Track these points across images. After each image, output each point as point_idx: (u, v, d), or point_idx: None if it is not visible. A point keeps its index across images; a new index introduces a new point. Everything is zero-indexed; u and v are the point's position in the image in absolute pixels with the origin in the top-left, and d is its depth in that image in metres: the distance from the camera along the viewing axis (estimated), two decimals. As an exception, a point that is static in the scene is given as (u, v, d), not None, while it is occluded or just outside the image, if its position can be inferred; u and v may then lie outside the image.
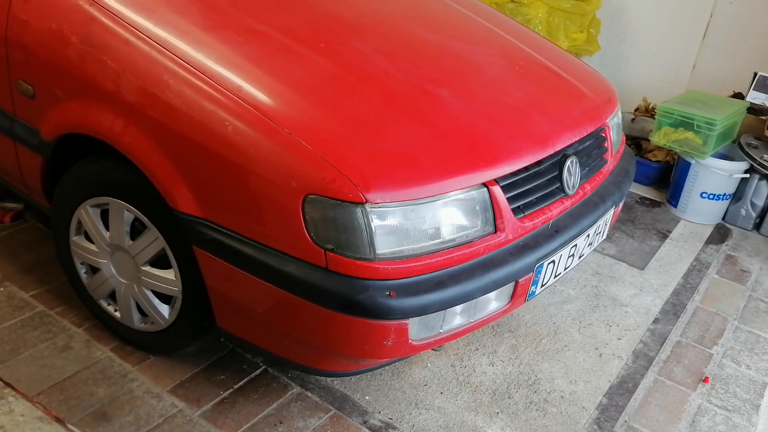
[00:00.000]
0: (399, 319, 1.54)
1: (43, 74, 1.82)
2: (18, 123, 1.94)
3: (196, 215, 1.61)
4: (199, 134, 1.57)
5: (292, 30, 1.88)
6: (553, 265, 1.84)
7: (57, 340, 1.98)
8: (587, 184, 1.98)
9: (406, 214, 1.53)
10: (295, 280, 1.53)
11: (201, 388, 1.92)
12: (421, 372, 2.13)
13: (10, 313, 2.05)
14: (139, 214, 1.75)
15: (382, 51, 1.95)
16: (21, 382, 1.81)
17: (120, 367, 1.93)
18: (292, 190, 1.49)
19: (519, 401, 2.07)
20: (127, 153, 1.67)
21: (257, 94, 1.59)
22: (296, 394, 1.96)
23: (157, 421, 1.79)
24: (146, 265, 1.81)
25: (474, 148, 1.70)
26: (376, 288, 1.50)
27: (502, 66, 2.12)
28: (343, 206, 1.47)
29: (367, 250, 1.49)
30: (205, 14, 1.83)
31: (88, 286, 2.00)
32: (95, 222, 1.86)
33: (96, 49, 1.70)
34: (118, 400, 1.83)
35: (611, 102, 2.20)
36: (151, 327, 1.92)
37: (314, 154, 1.50)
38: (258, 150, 1.52)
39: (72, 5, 1.76)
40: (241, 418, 1.85)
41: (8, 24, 1.84)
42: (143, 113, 1.63)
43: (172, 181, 1.62)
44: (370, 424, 1.91)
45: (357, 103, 1.70)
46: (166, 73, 1.62)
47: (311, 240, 1.50)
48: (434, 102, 1.79)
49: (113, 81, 1.67)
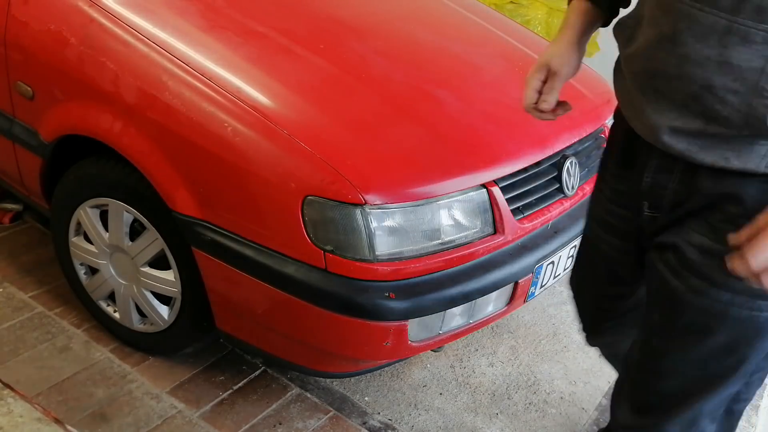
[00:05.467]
0: (398, 321, 1.54)
1: (42, 75, 1.82)
2: (17, 124, 1.93)
3: (195, 216, 1.61)
4: (198, 135, 1.57)
5: (291, 31, 1.88)
6: (553, 266, 1.84)
7: (56, 341, 1.98)
8: (587, 185, 1.98)
9: (406, 216, 1.53)
10: (295, 281, 1.53)
11: (200, 389, 1.92)
12: (421, 373, 2.12)
13: (9, 313, 2.05)
14: (139, 215, 1.75)
15: (382, 52, 1.95)
16: (20, 383, 1.81)
17: (119, 368, 1.93)
18: (291, 192, 1.49)
19: (518, 402, 2.07)
20: (126, 154, 1.67)
21: (256, 95, 1.59)
22: (296, 395, 1.96)
23: (157, 422, 1.78)
24: (145, 266, 1.81)
25: (473, 149, 1.70)
26: (375, 289, 1.51)
27: (501, 67, 2.12)
28: (342, 207, 1.47)
29: (366, 251, 1.49)
30: (204, 15, 1.83)
31: (88, 287, 2.00)
32: (94, 223, 1.86)
33: (95, 50, 1.70)
34: (118, 401, 1.82)
35: (610, 103, 2.20)
36: (150, 328, 1.92)
37: (313, 156, 1.50)
38: (257, 151, 1.52)
39: (71, 6, 1.75)
40: (241, 419, 1.85)
41: (7, 25, 1.84)
42: (142, 114, 1.63)
43: (171, 182, 1.62)
44: (370, 425, 1.91)
45: (356, 105, 1.70)
46: (165, 74, 1.61)
47: (310, 241, 1.50)
48: (433, 103, 1.79)
49: (112, 82, 1.67)
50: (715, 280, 1.07)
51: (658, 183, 1.12)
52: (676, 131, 1.02)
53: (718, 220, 1.06)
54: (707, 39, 0.94)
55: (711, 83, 0.96)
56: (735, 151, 1.00)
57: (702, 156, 1.02)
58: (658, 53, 1.01)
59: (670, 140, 1.04)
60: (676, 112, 1.01)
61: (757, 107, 0.94)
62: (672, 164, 1.08)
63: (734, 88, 0.94)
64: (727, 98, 0.95)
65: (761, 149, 0.99)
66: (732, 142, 0.99)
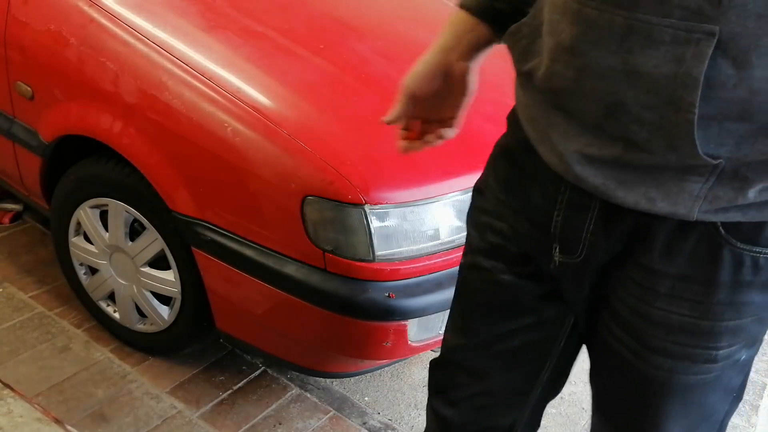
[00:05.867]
0: (398, 321, 1.54)
1: (41, 75, 1.82)
2: (17, 124, 1.93)
3: (195, 216, 1.61)
4: (198, 135, 1.57)
5: (291, 31, 1.88)
6: (553, 266, 1.84)
7: (56, 341, 1.98)
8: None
9: (405, 216, 1.53)
10: (295, 281, 1.53)
11: (200, 389, 1.92)
12: (421, 373, 2.12)
13: (9, 314, 2.05)
14: (138, 215, 1.75)
15: (382, 52, 1.94)
16: (20, 383, 1.81)
17: (119, 368, 1.93)
18: (291, 192, 1.49)
19: (518, 402, 2.07)
20: (125, 154, 1.67)
21: (256, 95, 1.59)
22: (295, 395, 1.96)
23: (156, 422, 1.78)
24: (145, 266, 1.81)
25: (473, 149, 1.69)
26: (375, 289, 1.50)
27: (500, 67, 2.12)
28: (342, 207, 1.47)
29: (366, 251, 1.49)
30: (204, 15, 1.83)
31: (88, 287, 2.00)
32: (94, 223, 1.86)
33: (95, 50, 1.70)
34: (117, 401, 1.82)
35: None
36: (150, 328, 1.92)
37: (313, 156, 1.50)
38: (257, 151, 1.52)
39: (71, 6, 1.75)
40: (241, 419, 1.85)
41: (7, 25, 1.84)
42: (142, 115, 1.63)
43: (170, 182, 1.62)
44: (370, 425, 1.91)
45: (356, 105, 1.70)
46: (165, 74, 1.61)
47: (310, 241, 1.50)
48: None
49: (112, 82, 1.67)
50: (651, 345, 0.90)
51: (571, 224, 0.89)
52: (590, 160, 0.81)
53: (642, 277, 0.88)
54: (607, 44, 0.74)
55: (621, 99, 0.75)
56: (661, 190, 0.78)
57: (621, 194, 0.80)
58: (558, 67, 0.80)
59: (582, 172, 0.82)
60: (589, 136, 0.80)
61: (679, 124, 0.72)
62: (588, 200, 0.86)
63: (648, 102, 0.73)
64: (643, 115, 0.74)
65: (693, 188, 0.77)
66: (657, 176, 0.78)
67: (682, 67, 0.70)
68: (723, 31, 0.68)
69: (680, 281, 0.85)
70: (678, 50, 0.70)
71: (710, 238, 0.82)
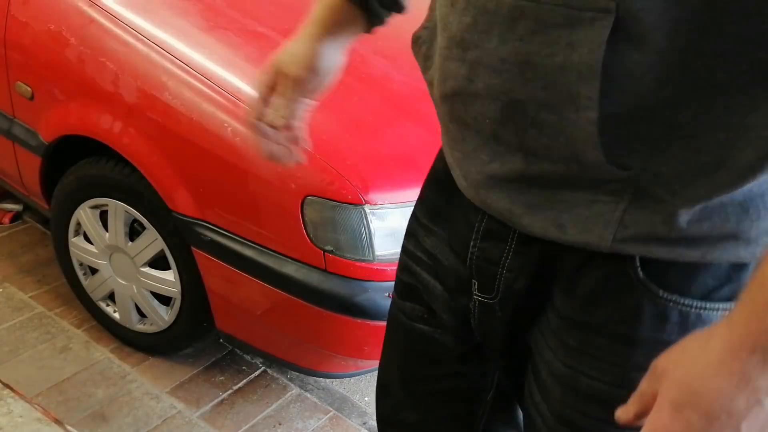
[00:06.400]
0: (398, 321, 1.54)
1: (41, 76, 1.82)
2: (17, 124, 1.93)
3: (194, 216, 1.61)
4: (198, 136, 1.57)
5: (291, 31, 1.87)
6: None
7: (56, 341, 1.98)
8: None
9: (405, 216, 1.52)
10: (294, 281, 1.53)
11: (200, 390, 1.92)
12: (421, 373, 2.12)
13: (9, 314, 2.05)
14: (138, 215, 1.75)
15: (381, 52, 1.94)
16: (20, 383, 1.81)
17: (119, 368, 1.93)
18: (291, 192, 1.49)
19: (518, 402, 2.07)
20: (125, 154, 1.67)
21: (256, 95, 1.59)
22: (295, 395, 1.96)
23: (156, 423, 1.78)
24: (145, 267, 1.81)
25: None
26: (375, 289, 1.51)
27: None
28: (342, 208, 1.47)
29: (366, 251, 1.49)
30: (204, 15, 1.83)
31: (87, 287, 2.00)
32: (94, 223, 1.86)
33: (95, 50, 1.70)
34: (117, 401, 1.82)
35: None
36: (150, 328, 1.92)
37: (313, 156, 1.49)
38: (257, 151, 1.52)
39: (71, 6, 1.75)
40: (241, 419, 1.85)
41: (7, 25, 1.84)
42: (142, 115, 1.63)
43: (170, 182, 1.62)
44: (370, 425, 1.91)
45: (356, 105, 1.70)
46: (165, 74, 1.61)
47: (310, 241, 1.50)
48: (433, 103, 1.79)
49: (112, 82, 1.67)
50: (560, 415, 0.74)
51: (486, 257, 0.75)
52: (494, 180, 0.69)
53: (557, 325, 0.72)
54: (498, 32, 0.62)
55: (516, 96, 0.62)
56: (572, 214, 0.65)
57: (527, 221, 0.68)
58: (450, 65, 0.68)
59: (487, 196, 0.70)
60: (489, 149, 0.68)
61: (580, 124, 0.59)
62: (506, 231, 0.72)
63: (545, 99, 0.61)
64: (541, 116, 0.62)
65: (604, 209, 0.63)
66: (568, 198, 0.65)
67: (576, 55, 0.57)
68: (620, 8, 0.54)
69: (592, 333, 0.69)
70: (571, 34, 0.57)
71: (627, 281, 0.66)
